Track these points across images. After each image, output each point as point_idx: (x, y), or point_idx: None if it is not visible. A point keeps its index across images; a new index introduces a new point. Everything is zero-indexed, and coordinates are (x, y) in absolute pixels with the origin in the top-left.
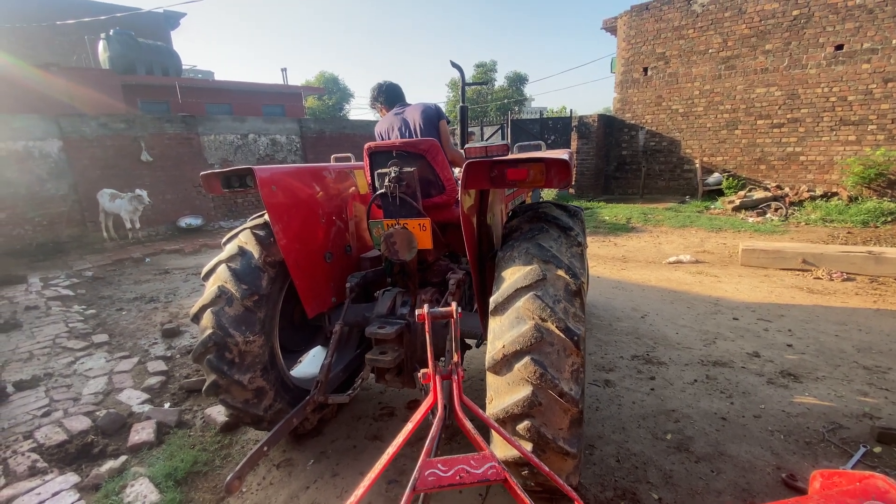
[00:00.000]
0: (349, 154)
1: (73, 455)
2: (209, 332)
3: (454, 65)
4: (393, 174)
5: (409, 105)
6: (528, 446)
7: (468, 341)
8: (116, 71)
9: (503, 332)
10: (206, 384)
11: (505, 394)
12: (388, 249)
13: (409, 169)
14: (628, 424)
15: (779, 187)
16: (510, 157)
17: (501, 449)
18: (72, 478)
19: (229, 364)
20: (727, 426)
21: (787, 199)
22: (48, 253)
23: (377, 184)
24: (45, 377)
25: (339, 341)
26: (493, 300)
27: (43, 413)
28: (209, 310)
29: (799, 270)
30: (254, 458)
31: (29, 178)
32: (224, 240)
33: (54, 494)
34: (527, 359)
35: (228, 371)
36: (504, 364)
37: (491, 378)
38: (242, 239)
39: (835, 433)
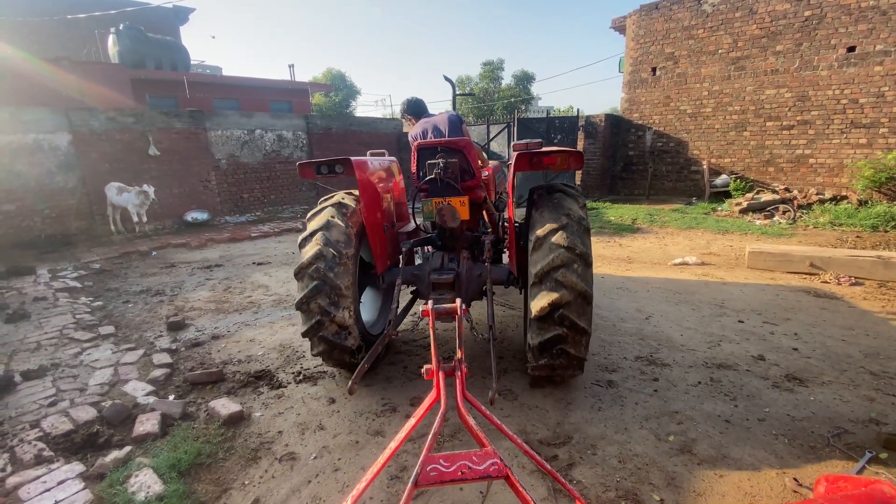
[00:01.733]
0: (384, 150)
1: (78, 444)
2: (314, 283)
3: (446, 79)
4: (441, 164)
5: (435, 114)
6: (561, 330)
7: (494, 287)
8: (126, 65)
9: (543, 257)
10: (308, 326)
11: (545, 297)
12: (440, 219)
13: (452, 160)
14: (631, 425)
15: (787, 190)
16: (545, 149)
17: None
18: (77, 467)
19: (331, 305)
20: (731, 429)
21: (795, 202)
22: (56, 245)
23: (426, 171)
24: (52, 367)
25: (399, 293)
26: (534, 237)
27: (50, 403)
28: (313, 266)
29: (806, 274)
30: (361, 371)
31: (38, 170)
32: (308, 216)
33: (60, 483)
34: (562, 270)
35: (330, 311)
36: (545, 276)
37: (534, 290)
38: (328, 213)
39: (840, 438)
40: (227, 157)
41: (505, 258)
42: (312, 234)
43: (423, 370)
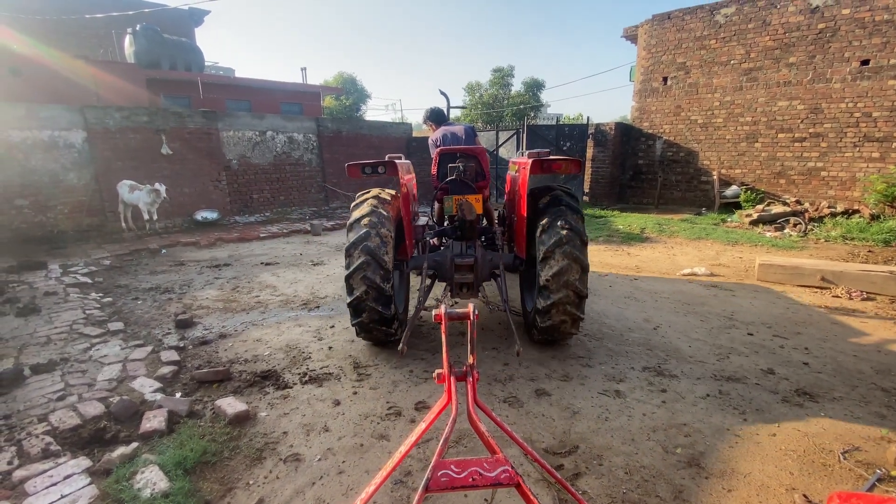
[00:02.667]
0: (400, 154)
1: (85, 439)
2: (363, 258)
3: (442, 93)
4: (461, 167)
5: (453, 124)
6: (567, 292)
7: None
8: (141, 65)
9: (550, 238)
10: (355, 295)
11: (554, 265)
12: (460, 213)
13: (470, 164)
14: (638, 436)
15: (798, 202)
16: (553, 157)
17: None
18: (84, 462)
19: (377, 278)
20: (740, 443)
21: (806, 215)
22: (68, 241)
23: (447, 173)
24: (61, 362)
25: (425, 275)
26: (542, 246)
27: (58, 397)
28: (361, 244)
29: (817, 288)
30: (407, 336)
31: (53, 167)
32: (353, 205)
33: (66, 477)
34: (566, 246)
35: (376, 282)
36: (552, 252)
37: (543, 264)
38: (371, 203)
39: (851, 455)
40: (238, 158)
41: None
42: (360, 219)
43: (434, 374)
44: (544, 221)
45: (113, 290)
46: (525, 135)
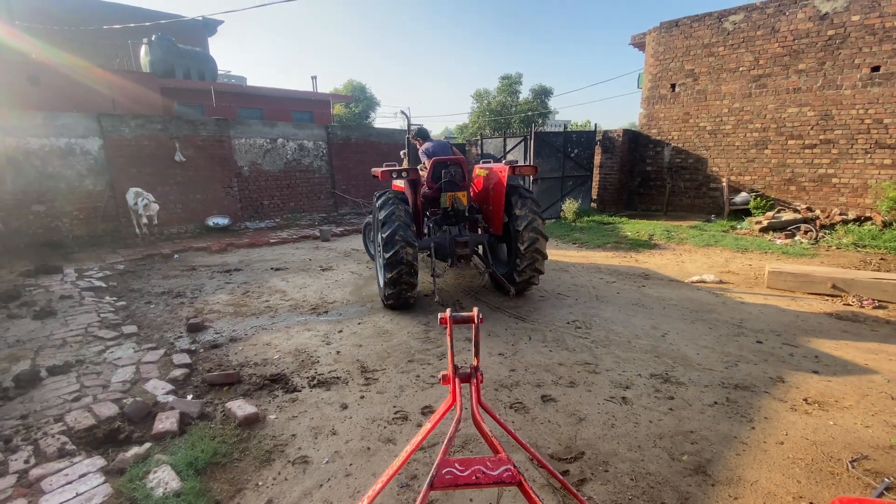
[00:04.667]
0: (394, 162)
1: (100, 439)
2: (395, 223)
3: (403, 112)
4: (454, 171)
5: (438, 140)
6: (537, 254)
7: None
8: (156, 74)
9: (525, 235)
10: (396, 271)
11: (527, 236)
12: (452, 205)
13: (458, 169)
14: (644, 443)
15: (809, 209)
16: (519, 164)
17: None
18: (98, 461)
19: (412, 257)
20: (748, 451)
21: (817, 222)
22: (83, 246)
23: (440, 175)
24: (76, 364)
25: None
26: (516, 219)
27: (73, 398)
28: (392, 217)
29: (828, 296)
30: (435, 287)
31: (69, 173)
32: (381, 203)
33: (81, 476)
34: (539, 240)
35: (410, 259)
36: (529, 247)
37: (519, 236)
38: (390, 194)
39: (859, 464)
40: (249, 165)
41: None
42: (392, 213)
43: (439, 376)
44: (518, 210)
45: (126, 294)
46: (533, 142)
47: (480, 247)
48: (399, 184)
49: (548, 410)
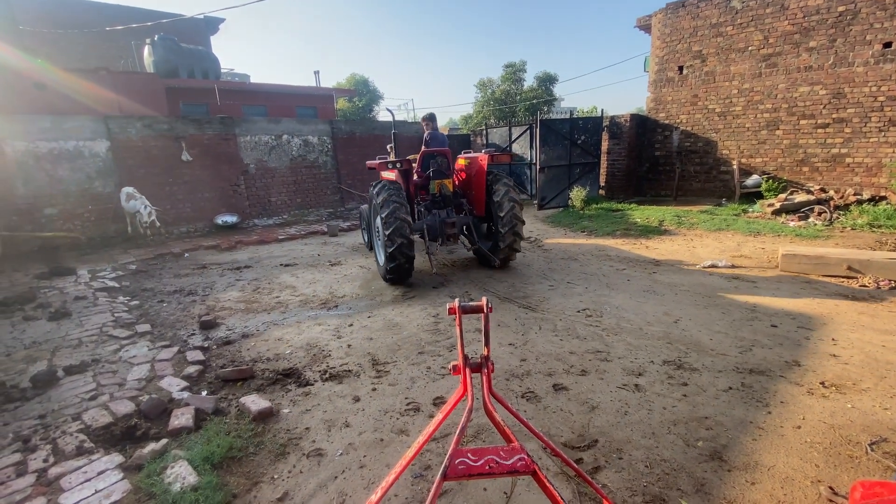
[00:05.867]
0: (385, 155)
1: (117, 436)
2: (392, 204)
3: (388, 110)
4: (440, 161)
5: (437, 130)
6: (516, 221)
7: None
8: (160, 74)
9: (504, 212)
10: (395, 245)
11: (506, 207)
12: (440, 191)
13: (445, 160)
14: (658, 430)
15: (823, 190)
16: (496, 153)
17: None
18: (116, 458)
19: (408, 232)
20: (764, 436)
21: (831, 203)
22: (95, 247)
23: (429, 165)
24: (92, 363)
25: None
26: (497, 205)
27: (90, 396)
28: (389, 200)
29: (843, 277)
30: (431, 260)
31: (79, 176)
32: (376, 185)
33: (99, 473)
34: (516, 207)
35: (407, 233)
36: (503, 201)
37: (499, 208)
38: (386, 182)
39: (878, 446)
40: (255, 162)
41: None
42: (389, 197)
43: (450, 366)
44: (498, 194)
45: (139, 294)
46: (538, 129)
47: (466, 227)
48: (390, 175)
49: (560, 399)
